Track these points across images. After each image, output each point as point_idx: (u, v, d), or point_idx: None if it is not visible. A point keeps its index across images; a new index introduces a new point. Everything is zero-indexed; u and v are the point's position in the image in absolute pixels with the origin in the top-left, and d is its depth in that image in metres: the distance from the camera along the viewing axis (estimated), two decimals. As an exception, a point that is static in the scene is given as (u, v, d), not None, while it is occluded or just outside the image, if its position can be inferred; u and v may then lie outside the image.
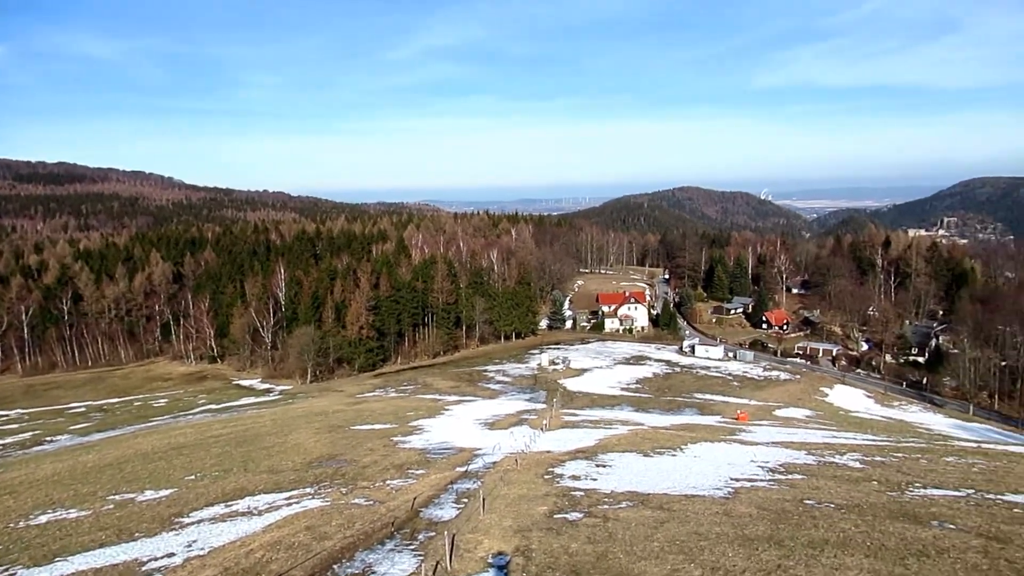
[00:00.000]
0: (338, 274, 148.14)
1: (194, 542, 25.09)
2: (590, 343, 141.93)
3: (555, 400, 79.49)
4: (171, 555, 23.70)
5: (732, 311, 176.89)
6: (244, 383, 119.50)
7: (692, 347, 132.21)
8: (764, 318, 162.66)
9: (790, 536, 20.04)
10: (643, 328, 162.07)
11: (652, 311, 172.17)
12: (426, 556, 20.19)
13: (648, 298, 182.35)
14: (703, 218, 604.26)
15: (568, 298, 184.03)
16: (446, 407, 68.34)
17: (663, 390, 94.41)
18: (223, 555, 23.03)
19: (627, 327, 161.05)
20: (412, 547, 21.52)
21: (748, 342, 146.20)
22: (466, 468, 35.71)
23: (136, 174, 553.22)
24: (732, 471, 31.96)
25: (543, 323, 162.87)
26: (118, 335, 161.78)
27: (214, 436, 53.83)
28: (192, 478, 37.89)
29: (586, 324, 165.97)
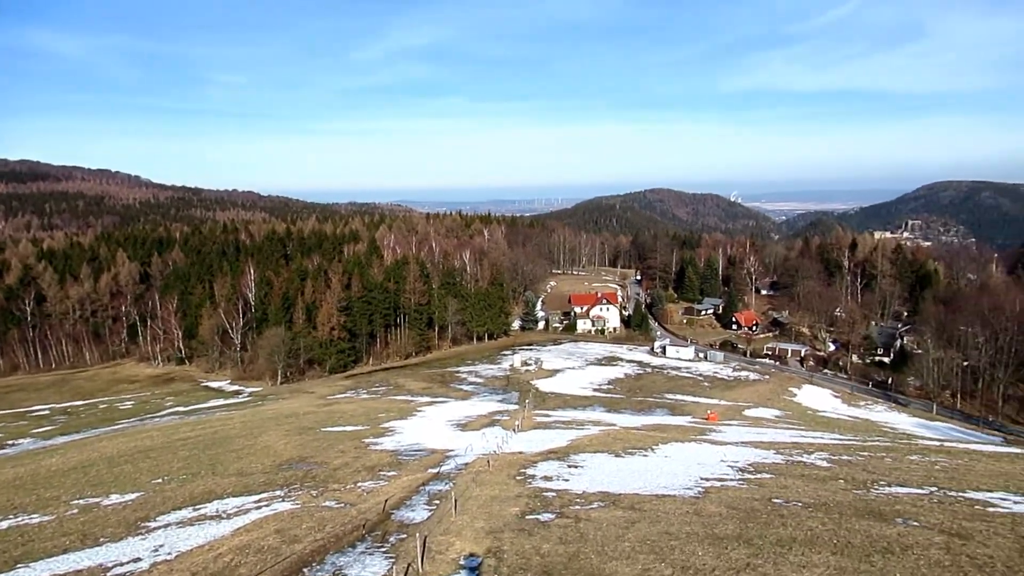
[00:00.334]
0: (309, 274, 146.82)
1: (161, 547, 24.74)
2: (562, 344, 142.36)
3: (527, 401, 79.62)
4: (137, 560, 23.36)
5: (703, 312, 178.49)
6: (213, 385, 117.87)
7: (663, 348, 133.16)
8: (734, 319, 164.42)
9: (759, 535, 20.30)
10: (615, 329, 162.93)
11: (624, 312, 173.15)
12: (397, 558, 20.13)
13: (620, 299, 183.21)
14: (674, 220, 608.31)
15: (541, 299, 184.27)
16: (418, 408, 68.13)
17: (635, 391, 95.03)
18: (191, 559, 22.75)
19: (599, 328, 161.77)
20: (383, 549, 21.45)
21: (718, 343, 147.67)
22: (438, 469, 35.65)
23: (102, 172, 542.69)
24: (702, 471, 32.30)
25: (516, 324, 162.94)
26: (83, 336, 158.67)
27: (182, 439, 53.11)
28: (159, 481, 37.37)
29: (558, 325, 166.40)
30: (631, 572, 17.62)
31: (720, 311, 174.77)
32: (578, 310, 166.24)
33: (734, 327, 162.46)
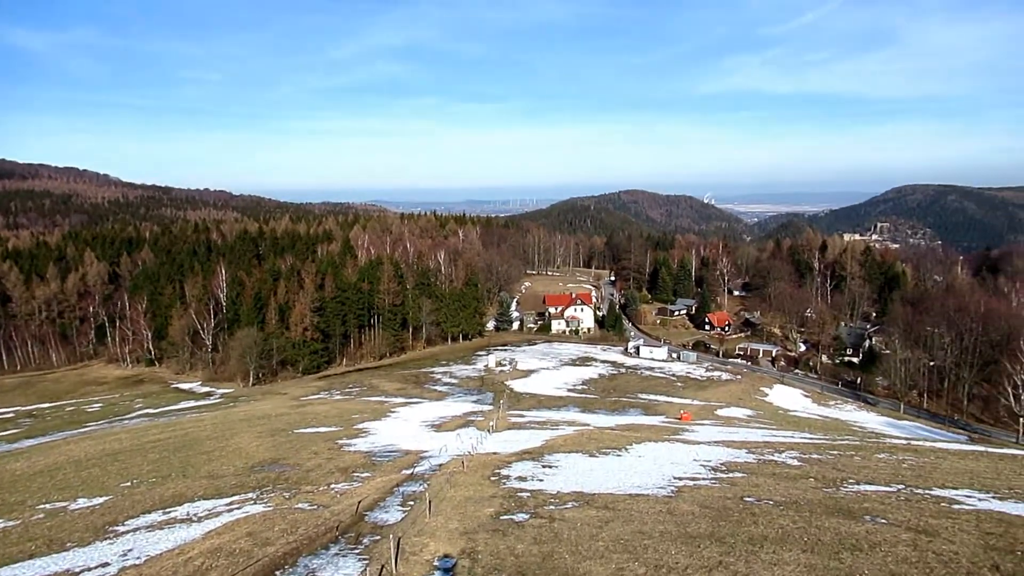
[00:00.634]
0: (282, 275, 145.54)
1: (130, 551, 24.40)
2: (537, 344, 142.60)
3: (502, 401, 79.66)
4: (105, 565, 23.02)
5: (676, 312, 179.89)
6: (183, 386, 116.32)
7: (637, 348, 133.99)
8: (707, 319, 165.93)
9: (731, 533, 20.51)
10: (589, 329, 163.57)
11: (598, 312, 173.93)
12: (371, 560, 20.02)
13: (594, 300, 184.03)
14: (648, 221, 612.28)
15: (515, 300, 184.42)
16: (392, 409, 67.83)
17: (609, 391, 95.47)
18: (160, 564, 22.45)
19: (573, 328, 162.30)
20: (357, 551, 21.32)
21: (691, 343, 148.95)
22: (412, 471, 35.53)
23: (69, 171, 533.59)
24: (675, 470, 32.54)
25: (490, 324, 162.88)
26: (49, 338, 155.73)
27: (152, 441, 52.36)
28: (128, 485, 36.83)
29: (533, 325, 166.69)
30: (605, 571, 17.70)
31: (693, 312, 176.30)
32: (552, 311, 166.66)
33: (707, 328, 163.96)
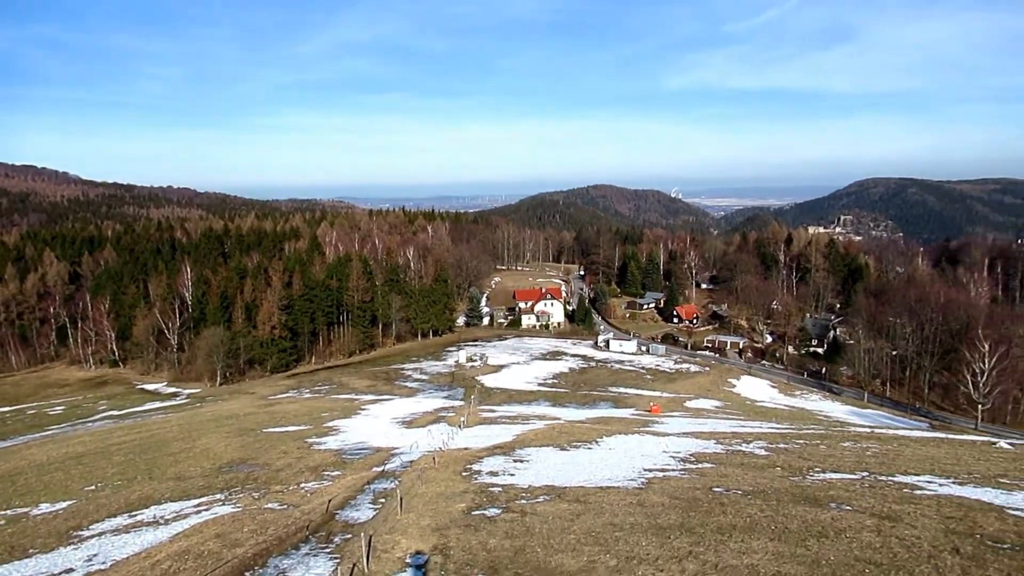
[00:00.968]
0: (248, 273, 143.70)
1: (95, 556, 23.98)
2: (507, 339, 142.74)
3: (473, 397, 79.60)
4: (70, 571, 22.62)
5: (645, 306, 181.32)
6: (149, 387, 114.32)
7: (607, 342, 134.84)
8: (675, 312, 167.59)
9: (700, 523, 20.76)
10: (559, 324, 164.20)
11: (568, 307, 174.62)
12: (342, 559, 19.90)
13: (564, 294, 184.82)
14: (617, 215, 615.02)
15: (485, 295, 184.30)
16: (362, 407, 67.46)
17: (579, 384, 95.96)
18: (126, 568, 22.11)
19: (544, 323, 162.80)
20: (328, 550, 21.18)
21: (660, 336, 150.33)
22: (383, 468, 35.39)
23: (27, 169, 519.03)
24: (645, 462, 32.84)
25: (460, 320, 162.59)
26: (8, 340, 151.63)
27: (116, 444, 51.43)
28: (92, 488, 36.18)
29: (503, 321, 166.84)
30: (577, 564, 17.81)
31: (662, 305, 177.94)
32: (523, 305, 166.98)
33: (675, 321, 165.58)
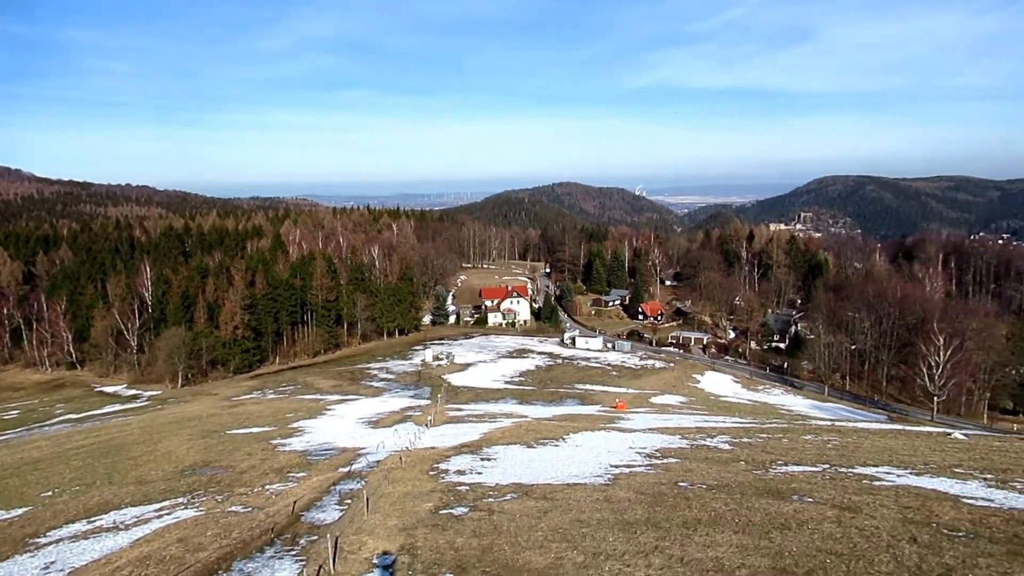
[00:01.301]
0: (210, 272, 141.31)
1: (52, 563, 23.46)
2: (474, 338, 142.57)
3: (439, 396, 79.37)
4: (25, 579, 22.01)
5: (610, 303, 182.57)
6: (108, 390, 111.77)
7: (573, 339, 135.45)
8: (640, 309, 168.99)
9: (666, 518, 20.98)
10: (526, 321, 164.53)
11: (534, 305, 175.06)
12: (308, 561, 19.72)
13: (530, 292, 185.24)
14: (582, 213, 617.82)
15: (451, 293, 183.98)
16: (328, 407, 66.90)
17: (546, 382, 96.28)
18: (86, 575, 21.59)
19: (510, 321, 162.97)
20: (293, 552, 20.97)
21: (625, 333, 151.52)
22: (349, 468, 35.14)
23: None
24: (612, 458, 33.08)
25: (426, 319, 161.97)
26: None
27: (74, 448, 50.28)
28: (49, 494, 35.38)
29: (470, 319, 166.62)
30: (544, 561, 17.87)
31: (627, 302, 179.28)
32: (489, 303, 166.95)
33: (640, 317, 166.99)
